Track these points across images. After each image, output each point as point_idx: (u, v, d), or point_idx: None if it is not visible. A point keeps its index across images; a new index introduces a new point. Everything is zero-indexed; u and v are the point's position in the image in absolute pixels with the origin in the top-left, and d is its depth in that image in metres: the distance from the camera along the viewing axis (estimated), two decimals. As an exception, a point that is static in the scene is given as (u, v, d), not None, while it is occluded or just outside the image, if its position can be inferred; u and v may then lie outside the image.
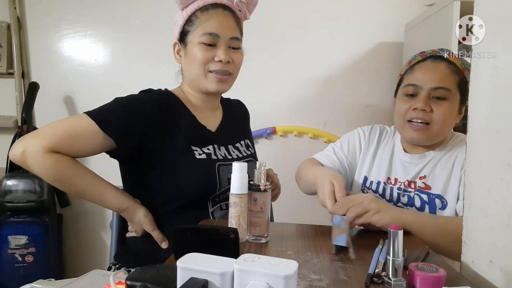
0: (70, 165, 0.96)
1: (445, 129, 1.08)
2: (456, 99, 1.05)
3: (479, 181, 0.73)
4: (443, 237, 0.90)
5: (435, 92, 1.04)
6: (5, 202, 1.79)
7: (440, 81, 1.03)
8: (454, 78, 1.04)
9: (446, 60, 1.06)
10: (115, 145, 0.98)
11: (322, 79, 2.00)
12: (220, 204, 1.07)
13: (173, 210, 1.03)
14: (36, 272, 1.79)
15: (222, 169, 1.06)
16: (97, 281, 0.78)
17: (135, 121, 0.99)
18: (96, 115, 0.96)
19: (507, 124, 0.65)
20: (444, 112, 1.03)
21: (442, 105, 1.04)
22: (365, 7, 1.97)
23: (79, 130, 0.95)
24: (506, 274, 0.62)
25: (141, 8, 2.00)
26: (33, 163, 0.92)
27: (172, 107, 1.07)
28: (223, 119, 1.19)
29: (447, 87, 1.03)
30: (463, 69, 1.04)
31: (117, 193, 1.02)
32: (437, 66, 1.06)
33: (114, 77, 2.04)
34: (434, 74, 1.05)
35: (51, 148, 0.92)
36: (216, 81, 1.06)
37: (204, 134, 1.10)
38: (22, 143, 0.93)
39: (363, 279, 0.64)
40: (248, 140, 1.25)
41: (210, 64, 1.05)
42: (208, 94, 1.12)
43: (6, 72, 2.01)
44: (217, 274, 0.48)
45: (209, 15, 1.05)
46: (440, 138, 1.10)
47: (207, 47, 1.04)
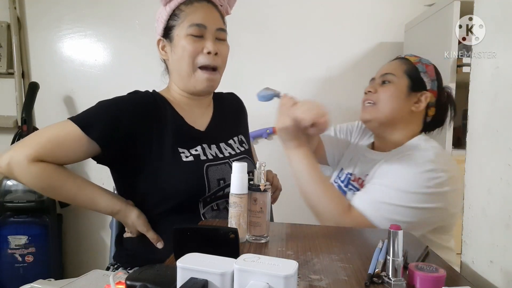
0: (56, 173, 0.95)
1: (390, 106, 1.11)
2: (401, 83, 1.11)
3: (479, 181, 0.73)
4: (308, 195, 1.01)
5: (382, 77, 1.14)
6: (5, 202, 1.79)
7: (387, 70, 1.15)
8: (401, 67, 1.13)
9: (402, 57, 1.17)
10: (99, 150, 0.97)
11: (322, 79, 2.00)
12: (211, 204, 1.05)
13: (163, 212, 1.02)
14: (36, 272, 1.79)
15: (211, 170, 1.04)
16: (97, 281, 0.78)
17: (118, 123, 0.97)
18: (80, 120, 0.96)
19: (507, 124, 0.65)
20: (386, 90, 1.12)
21: (386, 86, 1.13)
22: (365, 7, 1.97)
23: (63, 137, 0.94)
24: (506, 274, 0.62)
25: (141, 8, 2.00)
26: (19, 173, 0.92)
27: (158, 108, 1.05)
28: (214, 116, 1.16)
29: (391, 72, 1.13)
30: (415, 62, 1.12)
31: (107, 196, 1.01)
32: (392, 62, 1.18)
33: (114, 77, 2.04)
34: (387, 65, 1.18)
35: (36, 157, 0.91)
36: (205, 78, 1.04)
37: (192, 134, 1.08)
38: (7, 154, 0.92)
39: (363, 279, 0.64)
40: (242, 135, 1.22)
41: (199, 57, 1.03)
42: (196, 94, 1.09)
43: (6, 72, 2.01)
44: (217, 274, 0.48)
45: (194, 7, 1.05)
46: (386, 115, 1.11)
47: (195, 39, 1.03)
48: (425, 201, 0.96)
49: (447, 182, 0.98)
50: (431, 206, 0.97)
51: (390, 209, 0.96)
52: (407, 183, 0.97)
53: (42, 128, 0.97)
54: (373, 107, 1.13)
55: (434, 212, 0.98)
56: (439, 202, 0.98)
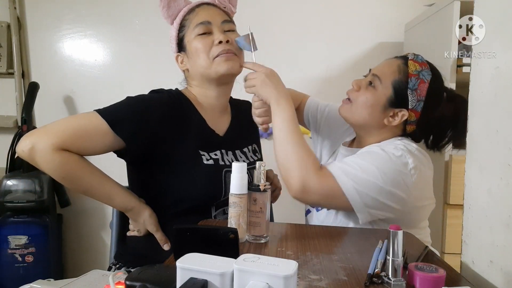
0: (79, 164, 0.95)
1: (362, 112, 1.06)
2: (383, 94, 1.04)
3: (479, 181, 0.73)
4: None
5: (371, 77, 1.07)
6: (5, 202, 1.79)
7: (380, 71, 1.07)
8: (393, 74, 1.04)
9: (407, 60, 1.06)
10: (124, 145, 0.97)
11: (322, 79, 2.00)
12: (223, 208, 1.06)
13: (177, 213, 1.02)
14: (36, 272, 1.79)
15: (228, 176, 1.04)
16: (97, 281, 0.78)
17: (146, 122, 0.98)
18: (107, 114, 0.96)
19: (507, 124, 0.65)
20: (365, 95, 1.06)
21: (368, 89, 1.06)
22: (365, 7, 1.97)
23: (89, 129, 0.95)
24: (506, 274, 0.62)
25: (141, 8, 1.99)
26: (41, 160, 0.92)
27: (183, 108, 1.07)
28: (232, 122, 1.17)
29: (380, 77, 1.05)
30: (412, 74, 1.03)
31: (124, 193, 1.02)
32: (393, 61, 1.09)
33: (114, 77, 2.04)
34: (384, 65, 1.10)
35: (60, 146, 0.91)
36: (223, 60, 1.04)
37: (213, 138, 1.09)
38: (30, 139, 0.92)
39: (362, 279, 0.64)
40: (255, 144, 1.24)
41: (212, 50, 1.04)
42: (220, 81, 1.08)
43: (6, 72, 2.01)
44: (217, 274, 0.48)
45: (195, 12, 1.08)
46: (357, 119, 1.09)
47: (203, 36, 1.05)
48: (391, 185, 0.94)
49: (414, 171, 0.95)
50: (392, 191, 0.94)
51: (360, 179, 0.93)
52: (378, 161, 0.96)
53: (68, 117, 0.97)
54: (349, 106, 1.09)
55: (391, 199, 0.95)
56: (402, 191, 0.95)
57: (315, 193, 0.95)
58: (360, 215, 0.95)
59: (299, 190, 0.94)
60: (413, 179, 0.96)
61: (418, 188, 0.98)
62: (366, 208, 0.94)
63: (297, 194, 0.95)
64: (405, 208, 0.97)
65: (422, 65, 1.04)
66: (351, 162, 0.98)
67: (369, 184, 0.93)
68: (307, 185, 0.94)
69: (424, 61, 1.06)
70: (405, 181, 0.95)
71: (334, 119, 1.28)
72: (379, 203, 0.94)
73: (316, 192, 0.94)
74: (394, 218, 0.98)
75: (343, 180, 0.94)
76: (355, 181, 0.93)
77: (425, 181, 1.01)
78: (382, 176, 0.93)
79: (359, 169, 0.95)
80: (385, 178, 0.93)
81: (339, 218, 1.04)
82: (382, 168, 0.94)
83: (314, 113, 1.32)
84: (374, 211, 0.95)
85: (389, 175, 0.94)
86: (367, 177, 0.93)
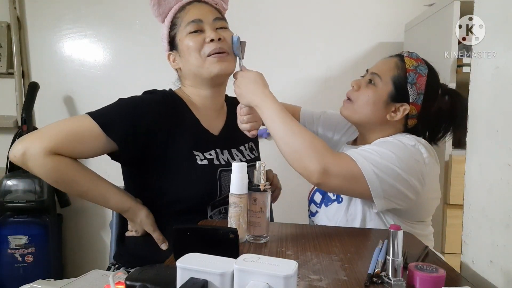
0: (72, 167, 0.95)
1: (365, 110, 1.08)
2: (384, 90, 1.06)
3: (479, 181, 0.73)
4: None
5: (370, 75, 1.10)
6: (5, 202, 1.79)
7: (378, 69, 1.10)
8: (391, 71, 1.07)
9: (402, 57, 1.09)
10: (117, 148, 0.97)
11: (322, 79, 2.00)
12: (219, 208, 1.06)
13: (172, 213, 1.02)
14: (36, 272, 1.79)
15: (223, 176, 1.04)
16: (96, 281, 0.78)
17: (138, 124, 0.98)
18: (99, 117, 0.95)
19: (507, 124, 0.65)
20: (366, 93, 1.08)
21: (369, 87, 1.08)
22: (365, 7, 1.97)
23: (81, 132, 0.94)
24: (506, 274, 0.62)
25: (141, 8, 1.99)
26: (34, 165, 0.91)
27: (176, 108, 1.06)
28: (227, 121, 1.17)
29: (379, 74, 1.08)
30: (410, 69, 1.05)
31: (119, 193, 1.01)
32: (389, 59, 1.12)
33: (114, 77, 2.04)
34: (381, 63, 1.13)
35: (52, 150, 0.91)
36: (216, 61, 1.03)
37: (207, 138, 1.08)
38: (22, 144, 0.91)
39: (362, 279, 0.64)
40: (252, 143, 1.23)
41: (204, 48, 1.03)
42: (213, 82, 1.08)
43: (6, 72, 2.01)
44: (217, 274, 0.48)
45: (186, 10, 1.07)
46: (360, 117, 1.10)
47: (195, 34, 1.04)
48: (408, 172, 0.94)
49: (428, 160, 0.98)
50: (409, 179, 0.94)
51: (379, 163, 0.93)
52: (396, 148, 0.97)
53: (59, 121, 0.96)
54: (350, 105, 1.10)
55: (407, 188, 0.95)
56: (417, 181, 0.96)
57: (336, 176, 0.92)
58: (377, 201, 0.95)
59: (320, 174, 0.91)
60: (427, 168, 0.98)
61: (430, 179, 1.00)
62: (383, 193, 0.94)
63: (319, 178, 0.91)
64: (418, 198, 0.98)
65: (418, 60, 1.08)
66: (368, 149, 0.98)
67: (388, 169, 0.93)
68: (328, 168, 0.91)
69: (418, 57, 1.10)
70: (420, 170, 0.97)
71: (330, 126, 1.30)
72: (396, 191, 0.95)
73: (338, 175, 0.92)
74: (406, 209, 1.00)
75: (363, 163, 0.93)
76: (374, 165, 0.93)
77: (435, 173, 1.03)
78: (399, 162, 0.94)
79: (378, 155, 0.95)
80: (403, 165, 0.94)
81: (350, 211, 1.04)
82: (399, 155, 0.95)
83: (310, 123, 1.33)
84: (390, 198, 0.96)
85: (406, 162, 0.95)
86: (386, 163, 0.94)
